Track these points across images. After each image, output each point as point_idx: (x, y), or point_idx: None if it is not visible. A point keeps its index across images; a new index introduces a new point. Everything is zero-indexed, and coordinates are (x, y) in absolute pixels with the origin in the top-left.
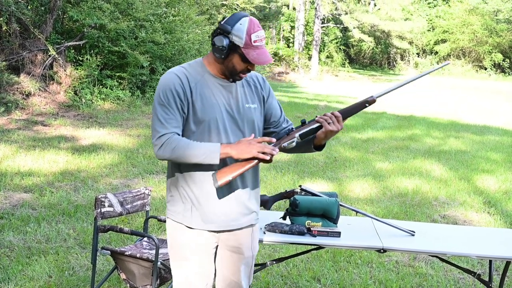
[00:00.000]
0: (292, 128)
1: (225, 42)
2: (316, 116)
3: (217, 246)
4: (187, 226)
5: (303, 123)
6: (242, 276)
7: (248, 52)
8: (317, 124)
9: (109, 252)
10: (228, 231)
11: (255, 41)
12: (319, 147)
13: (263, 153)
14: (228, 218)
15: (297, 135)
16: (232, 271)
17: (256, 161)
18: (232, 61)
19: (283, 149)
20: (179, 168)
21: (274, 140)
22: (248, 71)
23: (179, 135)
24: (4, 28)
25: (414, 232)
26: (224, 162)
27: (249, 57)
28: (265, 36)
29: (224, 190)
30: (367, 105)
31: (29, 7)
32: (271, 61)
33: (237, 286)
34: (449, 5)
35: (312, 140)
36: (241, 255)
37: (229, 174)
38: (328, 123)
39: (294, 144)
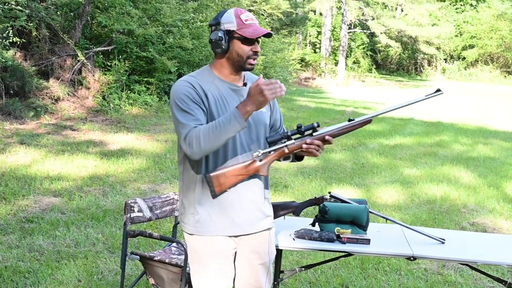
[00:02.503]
0: (288, 134)
1: (220, 33)
2: (304, 143)
3: (236, 251)
4: (197, 235)
5: (299, 127)
6: (262, 281)
7: (244, 32)
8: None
9: (138, 257)
10: (245, 236)
11: (246, 20)
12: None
13: (275, 92)
14: (244, 223)
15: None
16: (252, 276)
17: (253, 170)
18: (235, 49)
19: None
20: (189, 179)
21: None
22: (254, 54)
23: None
24: (34, 34)
25: (444, 239)
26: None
27: (246, 34)
28: (255, 17)
29: (238, 196)
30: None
31: (58, 12)
32: (267, 31)
33: None
34: (477, 11)
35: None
36: (259, 260)
37: (226, 184)
38: (317, 151)
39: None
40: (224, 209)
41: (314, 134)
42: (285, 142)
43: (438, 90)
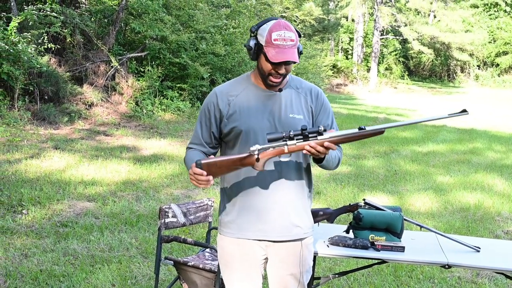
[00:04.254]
0: (290, 135)
1: (252, 42)
2: (308, 145)
3: (268, 258)
4: (226, 236)
5: (303, 129)
6: None
7: (268, 50)
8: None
9: (172, 262)
10: (272, 243)
11: (275, 39)
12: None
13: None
14: (269, 230)
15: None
16: (279, 285)
17: (247, 164)
18: (260, 63)
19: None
20: (224, 179)
21: (207, 176)
22: (277, 74)
23: (195, 149)
24: (68, 40)
25: (480, 248)
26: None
27: (268, 55)
28: (292, 38)
29: (266, 202)
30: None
31: (92, 19)
32: (288, 59)
33: None
34: (511, 17)
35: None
36: (287, 270)
37: (217, 174)
38: (318, 152)
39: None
40: (251, 214)
41: (318, 138)
42: (285, 141)
43: (464, 111)
